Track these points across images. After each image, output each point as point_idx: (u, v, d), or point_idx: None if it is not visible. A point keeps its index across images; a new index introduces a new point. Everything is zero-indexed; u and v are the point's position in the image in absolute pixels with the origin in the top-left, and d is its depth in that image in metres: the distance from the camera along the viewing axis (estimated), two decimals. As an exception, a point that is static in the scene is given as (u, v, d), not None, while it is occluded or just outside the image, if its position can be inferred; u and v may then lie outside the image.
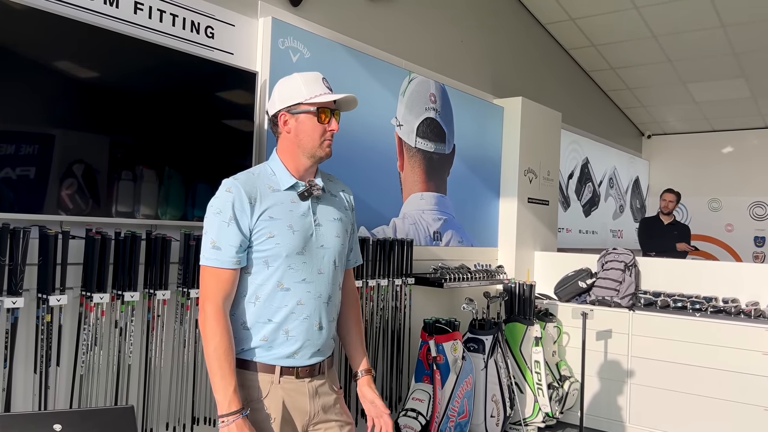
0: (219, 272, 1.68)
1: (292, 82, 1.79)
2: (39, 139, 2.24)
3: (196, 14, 2.83)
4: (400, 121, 3.96)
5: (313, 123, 1.76)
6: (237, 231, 1.68)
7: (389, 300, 3.65)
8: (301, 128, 1.77)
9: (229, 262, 1.68)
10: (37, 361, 2.23)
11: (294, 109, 1.76)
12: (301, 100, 1.75)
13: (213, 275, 1.68)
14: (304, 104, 1.76)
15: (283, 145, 1.81)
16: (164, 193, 2.63)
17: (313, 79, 1.78)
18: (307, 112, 1.76)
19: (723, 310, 4.02)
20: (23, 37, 2.20)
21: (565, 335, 4.54)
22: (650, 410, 4.16)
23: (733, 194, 8.38)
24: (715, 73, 6.73)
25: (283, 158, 1.81)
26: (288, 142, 1.80)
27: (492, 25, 5.16)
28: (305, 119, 1.76)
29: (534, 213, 5.10)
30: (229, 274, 1.69)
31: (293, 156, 1.80)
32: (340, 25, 3.64)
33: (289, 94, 1.77)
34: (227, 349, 1.66)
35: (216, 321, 1.66)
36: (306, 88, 1.76)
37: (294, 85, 1.77)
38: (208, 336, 1.66)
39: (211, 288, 1.68)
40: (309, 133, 1.77)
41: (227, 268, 1.68)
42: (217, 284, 1.68)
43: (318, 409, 1.79)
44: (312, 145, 1.77)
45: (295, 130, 1.77)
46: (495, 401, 3.87)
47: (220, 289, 1.68)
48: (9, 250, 2.12)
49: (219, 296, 1.67)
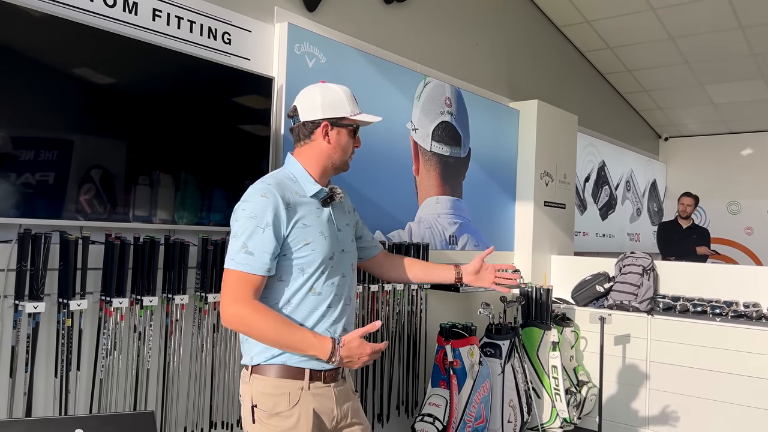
0: (249, 277, 1.67)
1: (335, 93, 1.81)
2: (58, 145, 2.26)
3: (214, 20, 2.85)
4: (415, 125, 3.96)
5: (348, 139, 1.83)
6: (272, 238, 1.68)
7: (405, 304, 3.64)
8: (340, 142, 1.81)
9: (261, 268, 1.67)
10: (58, 366, 2.25)
11: (339, 122, 1.79)
12: (347, 115, 1.79)
13: (242, 280, 1.66)
14: (349, 119, 1.80)
15: (312, 153, 1.82)
16: (181, 197, 2.64)
17: (351, 96, 1.84)
18: (347, 127, 1.81)
19: (744, 315, 3.96)
20: (43, 45, 2.22)
21: (583, 340, 4.50)
22: (669, 416, 4.10)
23: (752, 197, 8.27)
24: (734, 75, 6.66)
25: (306, 165, 1.82)
26: (319, 150, 1.81)
27: (507, 28, 5.14)
28: (345, 134, 1.82)
29: (550, 216, 5.07)
30: (259, 281, 1.68)
31: (321, 165, 1.82)
32: (355, 30, 3.64)
33: (334, 105, 1.79)
34: (280, 318, 1.70)
35: (253, 308, 1.67)
36: (349, 103, 1.81)
37: (338, 98, 1.80)
38: (255, 323, 1.66)
39: (240, 291, 1.66)
40: (344, 147, 1.82)
41: (258, 274, 1.68)
42: (245, 288, 1.66)
43: (345, 413, 1.81)
44: (342, 159, 1.84)
45: (335, 143, 1.81)
46: (512, 406, 3.84)
47: (249, 292, 1.67)
48: (31, 255, 2.14)
49: (248, 297, 1.67)
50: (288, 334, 1.67)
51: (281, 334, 1.66)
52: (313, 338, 1.68)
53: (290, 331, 1.68)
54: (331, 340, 1.69)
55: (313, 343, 1.68)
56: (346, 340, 1.71)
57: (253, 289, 1.68)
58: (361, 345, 1.71)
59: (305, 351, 1.68)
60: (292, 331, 1.68)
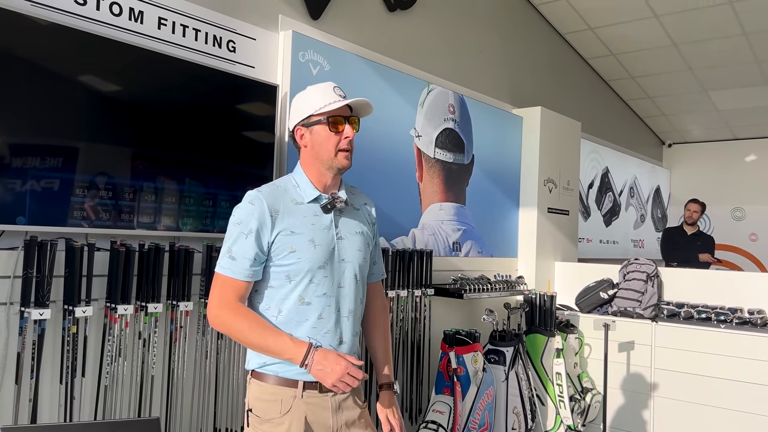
0: (232, 282, 1.70)
1: (305, 95, 1.81)
2: (64, 152, 2.28)
3: (218, 29, 2.87)
4: (419, 132, 3.97)
5: (327, 133, 1.77)
6: (254, 244, 1.69)
7: (409, 311, 3.64)
8: (316, 140, 1.78)
9: (242, 273, 1.70)
10: (63, 372, 2.26)
11: (307, 121, 1.78)
12: (312, 112, 1.77)
13: (225, 283, 1.70)
14: (315, 115, 1.77)
15: (305, 159, 1.83)
16: (186, 204, 2.65)
17: (324, 89, 1.79)
18: (319, 123, 1.77)
19: (749, 322, 3.95)
20: (48, 53, 2.24)
21: (587, 347, 4.49)
22: (674, 423, 4.09)
23: (757, 203, 8.24)
24: (738, 81, 6.66)
25: (306, 171, 1.83)
26: (307, 155, 1.82)
27: (511, 35, 5.16)
28: (319, 130, 1.77)
29: (554, 223, 5.07)
30: (241, 285, 1.71)
31: (314, 169, 1.81)
32: (359, 38, 3.66)
33: (301, 107, 1.80)
34: (258, 320, 1.69)
35: (234, 310, 1.68)
36: (317, 99, 1.77)
37: (306, 98, 1.80)
38: (234, 324, 1.68)
39: (224, 294, 1.70)
40: (323, 143, 1.77)
41: (239, 279, 1.70)
42: (228, 291, 1.70)
43: (341, 424, 1.77)
44: (328, 156, 1.78)
45: (311, 143, 1.79)
46: (516, 413, 3.84)
47: (232, 296, 1.70)
48: (36, 262, 2.16)
49: (231, 300, 1.69)
50: (262, 337, 1.67)
51: (256, 336, 1.67)
52: (289, 341, 1.67)
53: (265, 334, 1.67)
54: (307, 344, 1.67)
55: (287, 346, 1.66)
56: (326, 350, 1.68)
57: (236, 293, 1.70)
58: (338, 358, 1.65)
59: (281, 354, 1.67)
60: (267, 334, 1.67)
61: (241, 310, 1.69)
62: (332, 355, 1.66)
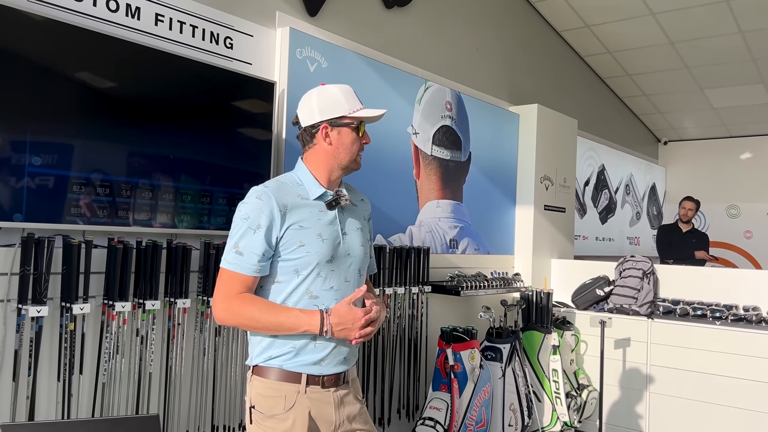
0: (239, 277, 1.70)
1: (332, 94, 1.80)
2: (60, 149, 2.27)
3: (216, 25, 2.86)
4: (416, 129, 3.97)
5: (354, 136, 1.80)
6: (263, 240, 1.70)
7: (406, 308, 3.65)
8: (343, 141, 1.80)
9: (249, 269, 1.70)
10: (61, 369, 2.26)
11: (337, 121, 1.78)
12: (345, 114, 1.78)
13: (232, 278, 1.71)
14: (348, 117, 1.78)
15: (316, 156, 1.82)
16: (183, 201, 2.65)
17: (349, 93, 1.81)
18: (348, 126, 1.79)
19: (744, 318, 3.97)
20: (45, 49, 2.23)
21: (583, 343, 4.50)
22: (670, 420, 4.11)
23: (751, 201, 8.28)
24: (734, 79, 6.68)
25: (312, 168, 1.83)
26: (323, 153, 1.81)
27: (507, 32, 5.16)
28: (347, 132, 1.80)
29: (550, 220, 5.08)
30: (248, 280, 1.71)
31: (327, 167, 1.82)
32: (356, 35, 3.66)
33: (331, 106, 1.79)
34: (266, 302, 1.72)
35: (240, 299, 1.70)
36: (346, 101, 1.79)
37: (334, 98, 1.79)
38: (244, 311, 1.69)
39: (230, 288, 1.71)
40: (349, 146, 1.80)
41: (247, 274, 1.70)
42: (235, 286, 1.71)
43: (343, 419, 1.79)
44: (349, 158, 1.82)
45: (337, 143, 1.80)
46: (513, 410, 3.85)
47: (239, 290, 1.71)
48: (34, 259, 2.15)
49: (237, 293, 1.71)
50: (274, 315, 1.69)
51: (269, 317, 1.69)
52: (301, 313, 1.70)
53: (277, 312, 1.70)
54: (319, 311, 1.70)
55: (301, 318, 1.69)
56: (334, 308, 1.72)
57: (243, 288, 1.71)
58: (351, 310, 1.71)
59: (296, 328, 1.69)
60: (279, 311, 1.70)
61: (247, 298, 1.71)
62: (344, 310, 1.71)
